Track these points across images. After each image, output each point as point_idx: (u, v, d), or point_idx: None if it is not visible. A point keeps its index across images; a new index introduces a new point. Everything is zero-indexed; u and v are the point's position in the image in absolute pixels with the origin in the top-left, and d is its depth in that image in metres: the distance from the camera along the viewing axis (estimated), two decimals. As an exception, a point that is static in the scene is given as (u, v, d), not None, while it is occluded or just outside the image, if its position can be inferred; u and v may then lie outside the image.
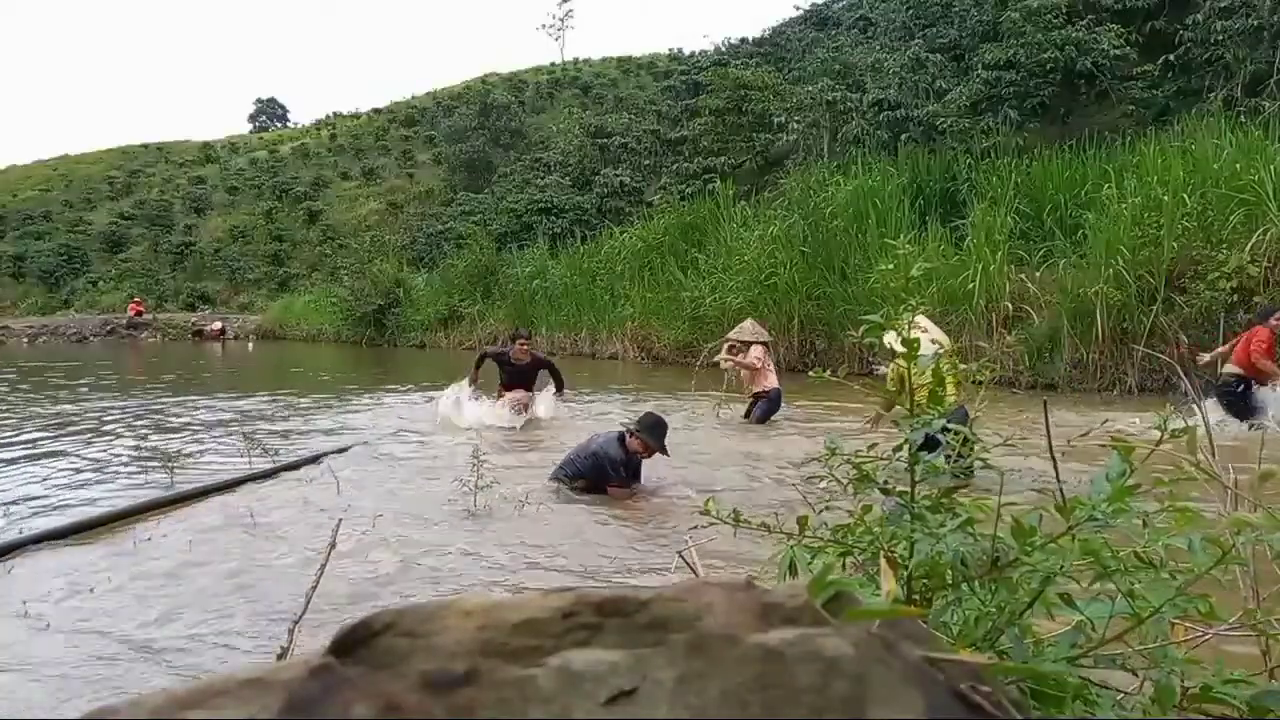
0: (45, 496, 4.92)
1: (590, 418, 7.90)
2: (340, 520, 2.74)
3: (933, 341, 4.41)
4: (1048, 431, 1.11)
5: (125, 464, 5.81)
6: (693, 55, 44.40)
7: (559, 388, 7.99)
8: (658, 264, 15.31)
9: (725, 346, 8.00)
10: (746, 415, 7.47)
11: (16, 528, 4.16)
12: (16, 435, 7.25)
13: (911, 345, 1.08)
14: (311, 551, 3.55)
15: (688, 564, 1.56)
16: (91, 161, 53.28)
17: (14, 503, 4.73)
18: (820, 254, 11.85)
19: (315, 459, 5.72)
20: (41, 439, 7.05)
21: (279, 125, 68.90)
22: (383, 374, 14.28)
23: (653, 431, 4.79)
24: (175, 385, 12.31)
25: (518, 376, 7.86)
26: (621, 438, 4.81)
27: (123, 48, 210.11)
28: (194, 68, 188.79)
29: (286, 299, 30.88)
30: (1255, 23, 13.93)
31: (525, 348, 8.01)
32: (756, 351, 7.60)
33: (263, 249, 39.07)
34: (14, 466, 5.85)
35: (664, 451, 4.83)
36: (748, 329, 7.95)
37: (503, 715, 0.44)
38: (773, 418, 7.38)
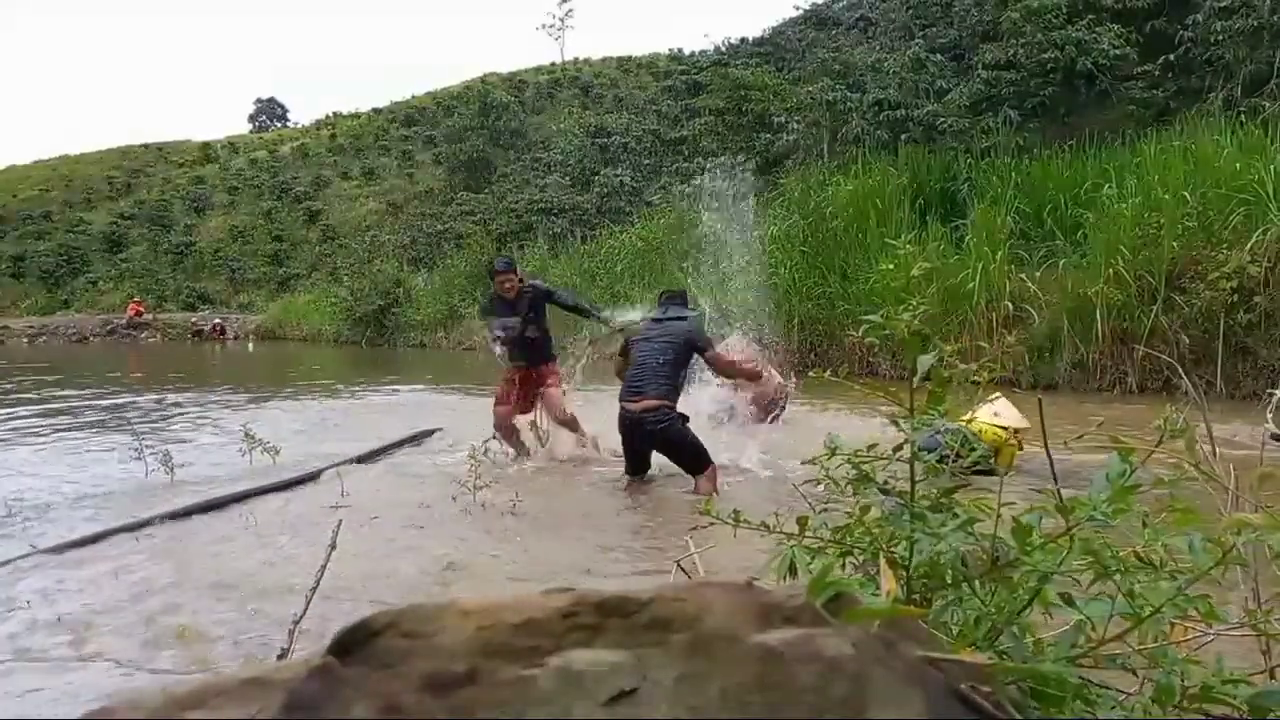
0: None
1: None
2: (341, 520, 2.73)
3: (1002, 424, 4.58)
4: (1043, 431, 1.11)
5: (119, 458, 5.82)
6: (693, 55, 44.33)
7: (586, 313, 6.26)
8: (658, 264, 15.31)
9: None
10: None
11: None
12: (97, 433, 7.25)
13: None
14: (311, 551, 3.55)
15: (685, 571, 1.57)
16: (91, 161, 53.23)
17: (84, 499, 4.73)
18: (820, 254, 11.85)
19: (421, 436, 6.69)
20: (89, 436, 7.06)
21: (279, 125, 68.80)
22: (386, 374, 14.28)
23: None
24: (182, 387, 12.30)
25: (520, 326, 5.87)
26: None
27: (122, 48, 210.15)
28: (194, 68, 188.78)
29: (286, 299, 30.86)
30: (1255, 23, 13.91)
31: (511, 282, 5.90)
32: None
33: (263, 249, 39.04)
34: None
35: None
36: (735, 345, 7.60)
37: (503, 715, 0.44)
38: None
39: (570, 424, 5.94)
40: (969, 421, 4.38)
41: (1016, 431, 4.94)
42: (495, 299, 6.10)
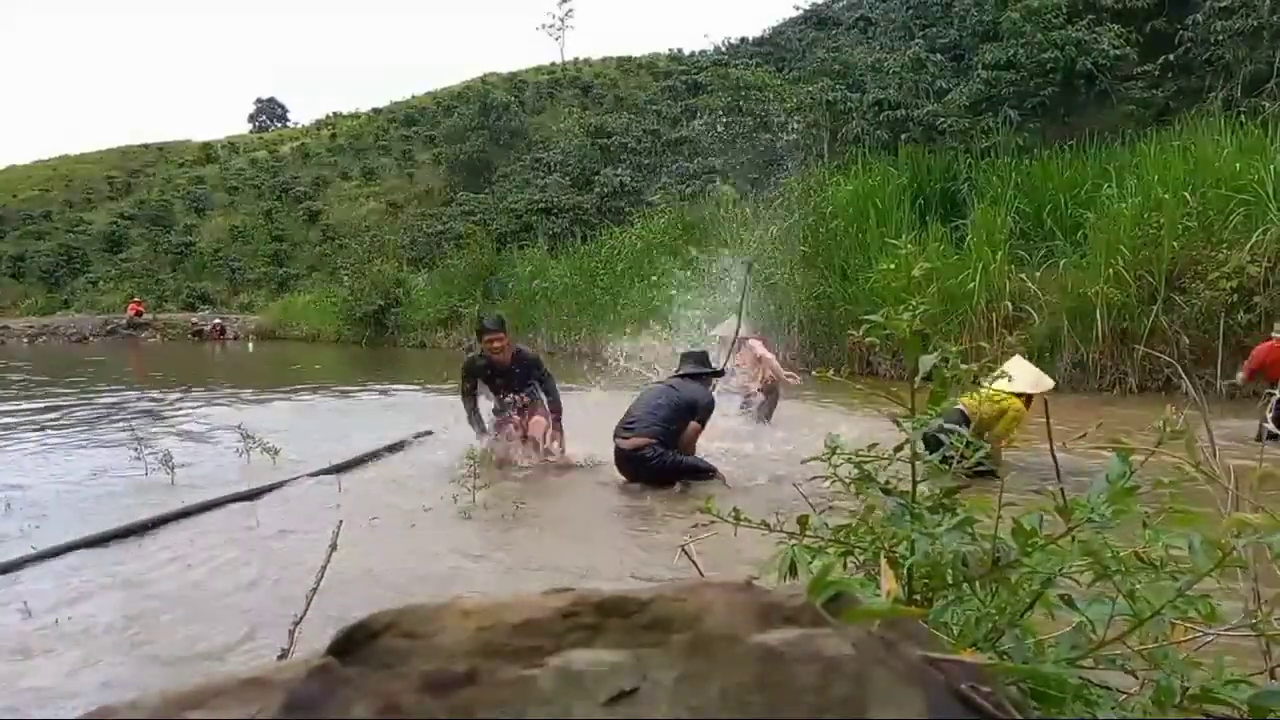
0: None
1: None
2: (341, 521, 2.73)
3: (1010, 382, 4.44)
4: (1049, 432, 1.11)
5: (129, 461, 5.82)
6: (693, 55, 44.47)
7: (554, 413, 5.76)
8: (658, 264, 15.31)
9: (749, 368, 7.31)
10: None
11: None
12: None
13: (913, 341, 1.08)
14: (312, 552, 3.55)
15: (690, 559, 1.56)
16: (91, 161, 53.26)
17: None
18: (820, 254, 11.85)
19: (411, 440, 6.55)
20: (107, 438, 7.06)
21: (279, 125, 68.79)
22: (386, 374, 14.28)
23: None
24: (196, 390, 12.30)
25: (507, 390, 5.73)
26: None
27: (122, 48, 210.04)
28: (194, 68, 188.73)
29: (286, 299, 30.87)
30: (1255, 23, 13.93)
31: (502, 342, 5.66)
32: (760, 348, 7.47)
33: (263, 249, 39.07)
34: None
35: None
36: (733, 326, 7.42)
37: (503, 715, 0.44)
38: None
39: (544, 445, 5.69)
40: (985, 399, 4.23)
41: (1029, 399, 4.72)
42: (482, 364, 5.78)
